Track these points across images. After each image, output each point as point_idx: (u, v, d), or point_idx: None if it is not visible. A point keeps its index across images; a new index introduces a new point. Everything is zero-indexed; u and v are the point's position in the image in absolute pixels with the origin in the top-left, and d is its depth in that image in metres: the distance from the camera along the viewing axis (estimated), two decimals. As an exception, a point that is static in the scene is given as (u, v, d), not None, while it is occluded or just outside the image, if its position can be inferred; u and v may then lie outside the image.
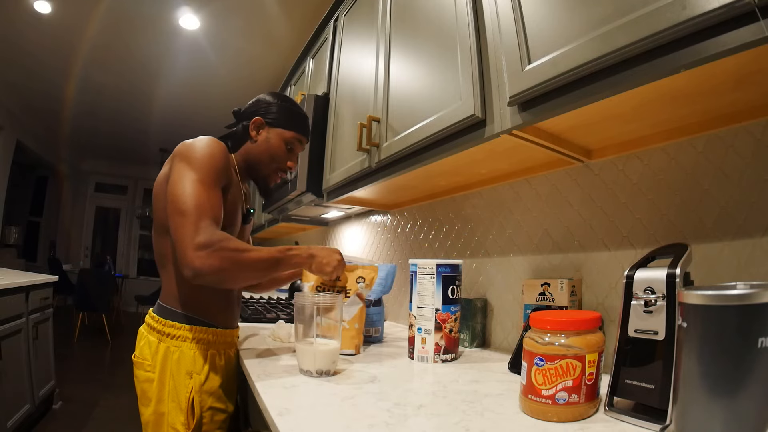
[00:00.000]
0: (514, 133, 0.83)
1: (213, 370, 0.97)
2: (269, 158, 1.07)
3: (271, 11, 3.00)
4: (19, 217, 6.37)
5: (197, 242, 0.80)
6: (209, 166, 0.91)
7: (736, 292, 0.46)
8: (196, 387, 0.93)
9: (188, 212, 0.83)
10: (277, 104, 1.09)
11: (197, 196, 0.85)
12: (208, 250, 0.80)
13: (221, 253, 0.81)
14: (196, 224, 0.82)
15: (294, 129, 1.09)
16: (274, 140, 1.07)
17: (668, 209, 0.84)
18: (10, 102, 4.88)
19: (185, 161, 0.90)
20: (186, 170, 0.89)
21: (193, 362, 0.94)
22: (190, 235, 0.81)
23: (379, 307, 1.32)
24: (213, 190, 0.89)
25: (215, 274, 0.82)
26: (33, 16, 3.15)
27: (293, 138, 1.09)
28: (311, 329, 0.88)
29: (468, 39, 0.91)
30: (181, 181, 0.87)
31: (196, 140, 0.95)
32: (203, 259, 0.80)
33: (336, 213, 2.26)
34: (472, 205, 1.38)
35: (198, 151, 0.92)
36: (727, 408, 0.46)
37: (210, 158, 0.92)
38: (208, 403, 0.94)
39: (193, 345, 0.95)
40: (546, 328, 0.65)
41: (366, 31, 1.48)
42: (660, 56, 0.57)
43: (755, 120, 0.71)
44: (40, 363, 2.51)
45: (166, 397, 0.92)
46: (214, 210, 0.87)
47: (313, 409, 0.67)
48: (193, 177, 0.88)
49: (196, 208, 0.84)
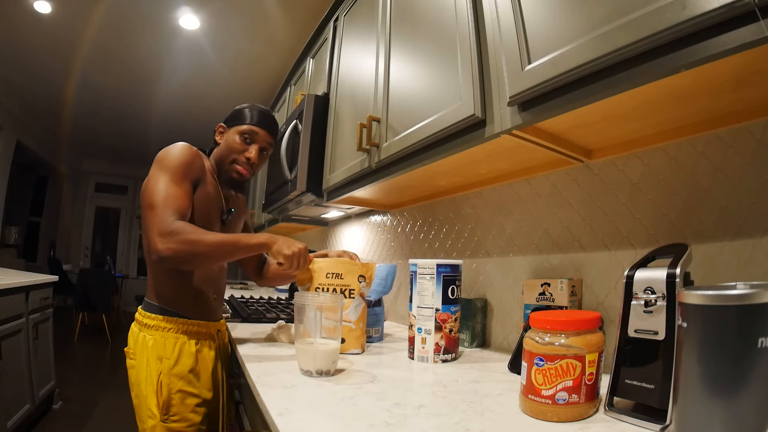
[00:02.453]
0: (514, 133, 0.83)
1: (183, 355, 1.05)
2: (227, 152, 1.15)
3: (271, 11, 3.00)
4: (19, 217, 6.36)
5: (161, 229, 0.92)
6: (177, 165, 1.02)
7: (736, 292, 0.46)
8: (164, 370, 1.02)
9: (156, 205, 0.95)
10: (238, 108, 1.19)
11: (165, 191, 0.98)
12: (169, 236, 0.91)
13: (181, 237, 0.91)
14: (162, 215, 0.94)
15: (245, 121, 1.16)
16: (231, 136, 1.16)
17: (668, 209, 0.84)
18: (10, 102, 4.88)
19: (158, 164, 1.03)
20: (158, 171, 1.02)
21: (163, 347, 1.04)
22: (155, 224, 0.93)
23: (379, 307, 1.31)
24: (180, 186, 1.00)
25: (177, 257, 0.92)
26: (33, 16, 3.15)
27: (247, 129, 1.15)
28: (311, 329, 0.88)
29: (468, 39, 0.91)
30: (153, 181, 1.00)
31: (171, 146, 1.07)
32: (165, 243, 0.91)
33: (336, 213, 2.26)
34: (472, 205, 1.38)
35: (169, 154, 1.04)
36: (727, 408, 0.46)
37: (178, 158, 1.03)
38: (177, 386, 1.02)
39: (165, 333, 1.05)
40: (546, 328, 0.66)
41: (366, 31, 1.48)
42: (660, 56, 0.57)
43: (755, 120, 0.71)
44: (40, 363, 2.51)
45: (143, 382, 1.02)
46: (179, 202, 0.98)
47: (313, 409, 0.67)
48: (163, 176, 1.00)
49: (163, 201, 0.96)
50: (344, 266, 1.09)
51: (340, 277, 1.08)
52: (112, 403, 2.99)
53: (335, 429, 0.58)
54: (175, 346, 1.05)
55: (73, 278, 5.60)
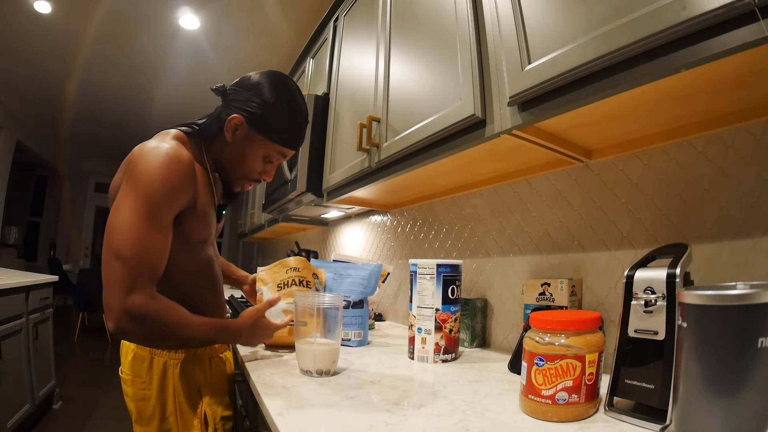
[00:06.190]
0: (514, 133, 0.83)
1: (219, 378, 0.96)
2: (239, 164, 0.94)
3: (272, 11, 3.00)
4: (19, 217, 6.37)
5: (130, 305, 0.73)
6: (160, 195, 0.76)
7: (736, 292, 0.46)
8: (206, 401, 0.89)
9: (126, 259, 0.73)
10: (274, 106, 0.90)
11: (139, 241, 0.74)
12: (139, 319, 0.74)
13: (152, 326, 0.76)
14: (132, 281, 0.73)
15: (280, 142, 0.93)
16: (252, 148, 0.92)
17: (668, 209, 0.84)
18: (10, 102, 4.88)
19: (133, 183, 0.77)
20: (132, 198, 0.76)
21: (199, 375, 0.90)
22: (123, 290, 0.73)
23: (361, 309, 1.21)
24: (158, 232, 0.77)
25: (137, 340, 0.84)
26: (33, 16, 3.15)
27: (277, 151, 0.94)
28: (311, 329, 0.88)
29: (468, 39, 0.91)
30: (124, 212, 0.75)
31: (153, 153, 0.79)
32: (130, 325, 0.73)
33: (336, 213, 2.26)
34: (472, 205, 1.38)
35: (151, 172, 0.77)
36: (727, 408, 0.46)
37: (163, 184, 0.77)
38: (219, 414, 0.91)
39: (194, 356, 0.90)
40: (546, 328, 0.65)
41: (366, 31, 1.48)
42: (660, 56, 0.57)
43: (755, 120, 0.71)
44: (40, 363, 2.51)
45: (171, 415, 0.86)
46: (155, 261, 0.77)
47: (313, 409, 0.67)
48: (138, 210, 0.75)
49: (136, 257, 0.74)
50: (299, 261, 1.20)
51: (298, 270, 1.18)
52: (112, 403, 2.99)
53: (335, 429, 0.58)
54: (210, 371, 0.93)
55: (73, 278, 5.61)
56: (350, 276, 1.27)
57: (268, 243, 4.52)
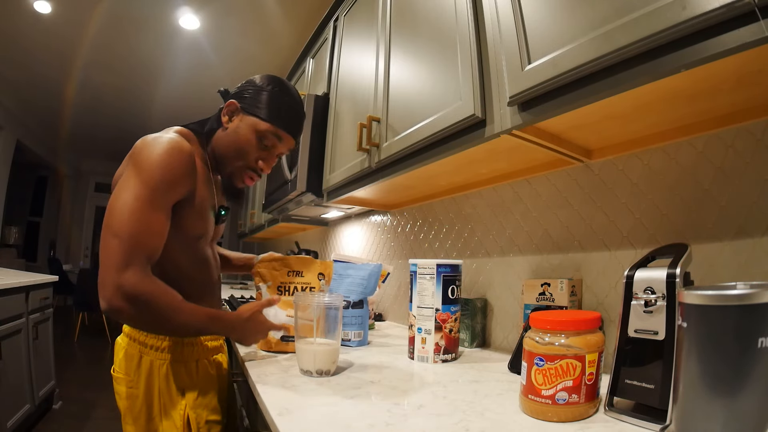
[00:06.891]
0: (514, 133, 0.83)
1: (206, 381, 0.93)
2: (235, 152, 0.93)
3: (271, 11, 3.00)
4: (19, 217, 6.37)
5: (123, 283, 0.73)
6: (160, 180, 0.79)
7: (736, 292, 0.46)
8: (189, 403, 0.87)
9: (123, 238, 0.74)
10: (263, 88, 0.93)
11: (137, 219, 0.76)
12: (132, 298, 0.73)
13: (145, 307, 0.75)
14: (128, 258, 0.74)
15: (271, 120, 0.92)
16: (244, 130, 0.92)
17: (668, 209, 0.84)
18: (10, 102, 4.88)
19: (135, 168, 0.80)
20: (134, 180, 0.79)
21: (184, 377, 0.89)
22: (117, 267, 0.73)
23: (360, 309, 1.22)
24: (159, 210, 0.79)
25: (130, 321, 0.82)
26: (33, 16, 3.15)
27: (268, 131, 0.93)
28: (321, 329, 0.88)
29: (468, 39, 0.91)
30: (125, 193, 0.78)
31: (156, 141, 0.83)
32: (123, 303, 0.73)
33: (336, 213, 2.26)
34: (472, 205, 1.38)
35: (153, 158, 0.80)
36: (727, 408, 0.46)
37: (163, 170, 0.79)
38: (204, 417, 0.88)
39: (180, 357, 0.89)
40: (546, 328, 0.65)
41: (366, 31, 1.48)
42: (660, 56, 0.57)
43: (755, 120, 0.71)
44: (40, 363, 2.51)
45: (157, 415, 0.85)
46: (152, 241, 0.78)
47: (313, 409, 0.67)
48: (138, 192, 0.77)
49: (133, 237, 0.75)
50: (304, 264, 1.15)
51: (301, 275, 1.14)
52: (112, 403, 2.97)
53: (335, 429, 0.58)
54: (197, 373, 0.91)
55: (73, 278, 5.61)
56: (350, 276, 1.27)
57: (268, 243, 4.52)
